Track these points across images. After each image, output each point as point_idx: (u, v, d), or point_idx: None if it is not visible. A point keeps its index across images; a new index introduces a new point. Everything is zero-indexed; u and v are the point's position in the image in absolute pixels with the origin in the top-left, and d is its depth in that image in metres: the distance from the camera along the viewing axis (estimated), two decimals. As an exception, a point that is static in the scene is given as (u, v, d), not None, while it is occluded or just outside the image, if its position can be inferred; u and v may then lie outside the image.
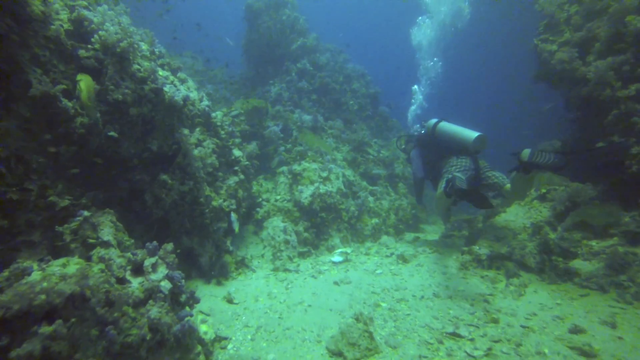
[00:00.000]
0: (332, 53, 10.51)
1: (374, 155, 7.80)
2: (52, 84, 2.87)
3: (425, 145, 5.29)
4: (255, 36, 9.12)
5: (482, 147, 4.56)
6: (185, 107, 4.07)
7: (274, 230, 5.17)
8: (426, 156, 5.23)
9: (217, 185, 4.46)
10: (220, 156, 4.84)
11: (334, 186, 6.08)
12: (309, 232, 5.47)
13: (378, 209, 6.93)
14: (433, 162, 5.02)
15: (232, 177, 4.90)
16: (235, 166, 5.03)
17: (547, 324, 2.71)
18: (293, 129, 7.08)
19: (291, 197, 5.76)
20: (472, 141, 4.45)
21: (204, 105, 4.66)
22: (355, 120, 9.00)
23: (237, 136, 5.63)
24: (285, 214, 5.53)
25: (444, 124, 4.97)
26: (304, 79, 8.39)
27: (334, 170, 6.28)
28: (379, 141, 8.68)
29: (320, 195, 5.73)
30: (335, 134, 7.55)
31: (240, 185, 4.97)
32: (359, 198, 6.61)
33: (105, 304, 1.90)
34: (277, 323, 3.03)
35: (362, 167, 7.39)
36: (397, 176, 8.02)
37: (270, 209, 5.57)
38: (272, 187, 6.16)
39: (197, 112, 4.51)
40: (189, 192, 3.79)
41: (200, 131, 4.36)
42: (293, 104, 7.92)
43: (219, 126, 4.93)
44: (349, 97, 9.35)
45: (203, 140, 4.33)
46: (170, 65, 4.79)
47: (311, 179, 5.85)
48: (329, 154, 6.55)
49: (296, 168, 5.99)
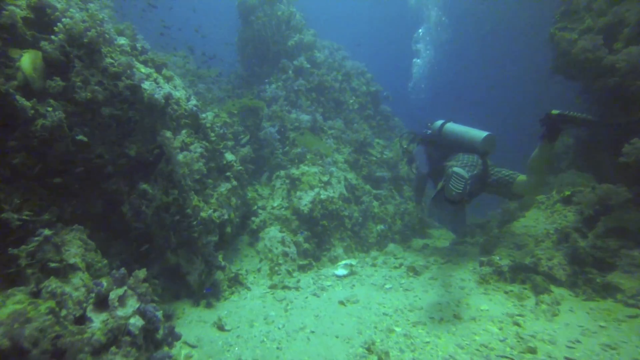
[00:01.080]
0: (330, 50, 10.14)
1: (377, 157, 7.41)
2: (5, 80, 2.47)
3: (430, 145, 4.96)
4: (249, 33, 8.73)
5: (492, 148, 4.33)
6: (169, 106, 3.67)
7: (271, 242, 4.77)
8: (430, 155, 4.91)
9: (206, 193, 4.06)
10: (211, 161, 4.44)
11: (336, 191, 5.68)
12: (310, 243, 5.06)
13: (383, 214, 6.54)
14: (437, 161, 4.70)
15: (223, 183, 4.50)
16: (227, 171, 4.62)
17: (597, 355, 2.30)
18: (290, 130, 6.69)
19: (289, 204, 5.36)
20: (481, 141, 4.20)
21: (192, 104, 4.26)
22: (356, 119, 8.61)
23: (230, 138, 5.23)
24: (283, 223, 5.12)
25: (451, 124, 4.70)
26: (301, 77, 8.00)
27: (335, 173, 5.88)
28: (382, 141, 8.29)
29: (321, 201, 5.33)
30: (336, 134, 7.15)
31: (232, 192, 4.57)
32: (363, 203, 6.21)
33: (53, 355, 1.50)
34: (275, 355, 2.62)
35: (364, 170, 7.00)
36: (402, 178, 7.63)
37: (267, 218, 5.16)
38: (269, 193, 5.75)
39: (184, 113, 4.11)
40: (174, 202, 3.39)
41: (187, 133, 3.96)
42: (290, 104, 7.52)
43: (208, 128, 4.53)
44: (349, 96, 8.96)
45: (190, 143, 3.93)
46: (155, 61, 4.40)
47: (311, 184, 5.44)
48: (329, 156, 6.15)
49: (294, 172, 5.58)
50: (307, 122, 6.68)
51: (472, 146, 4.28)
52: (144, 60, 4.26)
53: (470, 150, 4.29)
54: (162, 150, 3.36)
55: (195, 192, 3.88)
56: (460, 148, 4.41)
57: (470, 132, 4.39)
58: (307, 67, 8.29)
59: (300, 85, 7.86)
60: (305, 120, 6.68)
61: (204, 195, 4.03)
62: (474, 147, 4.26)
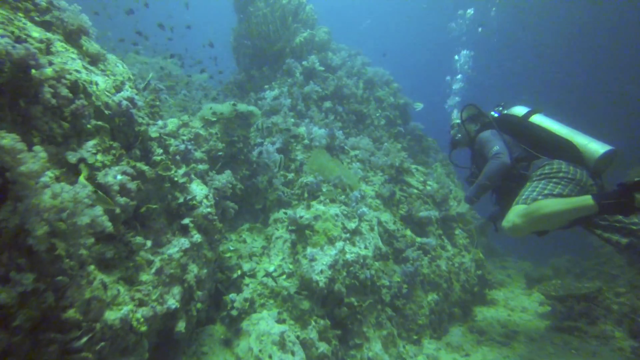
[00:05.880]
0: (347, 54, 8.49)
1: (419, 189, 5.49)
2: None
3: (506, 132, 3.49)
4: (246, 28, 7.14)
5: (606, 168, 3.09)
6: (57, 89, 1.84)
7: (261, 342, 2.78)
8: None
9: (127, 266, 2.14)
10: (153, 197, 2.57)
11: (370, 245, 3.72)
12: (329, 338, 3.06)
13: (435, 276, 4.53)
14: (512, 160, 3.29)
15: (176, 240, 2.59)
16: (186, 217, 2.73)
17: None
18: (298, 149, 4.84)
19: (295, 268, 3.40)
20: (597, 159, 2.93)
21: (121, 98, 2.44)
22: (384, 137, 6.79)
23: (199, 159, 3.38)
24: (283, 304, 3.15)
25: (543, 118, 3.35)
26: (312, 82, 6.28)
27: (366, 216, 3.95)
28: (421, 168, 6.39)
29: (347, 264, 3.37)
30: (362, 156, 5.29)
31: (193, 254, 2.66)
32: (407, 261, 4.23)
33: None
34: None
35: (403, 207, 5.06)
36: (452, 219, 5.66)
37: (257, 294, 3.19)
38: (263, 245, 3.81)
39: (102, 110, 2.28)
40: (31, 298, 1.48)
41: (97, 146, 2.11)
42: (297, 114, 5.75)
43: (154, 140, 2.69)
44: (374, 108, 7.19)
45: (103, 165, 2.07)
46: (66, 28, 2.64)
47: (329, 235, 3.50)
48: (355, 189, 4.24)
49: (303, 214, 3.66)
50: (322, 139, 4.84)
51: (579, 157, 3.02)
52: (44, 22, 2.51)
53: (576, 159, 3.01)
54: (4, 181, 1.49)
55: (100, 265, 1.97)
56: (556, 151, 3.11)
57: (577, 139, 3.06)
58: (319, 69, 6.59)
59: (312, 90, 6.11)
60: (320, 135, 4.84)
61: (123, 269, 2.11)
62: (582, 162, 3.00)
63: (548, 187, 2.85)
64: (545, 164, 3.05)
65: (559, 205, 2.59)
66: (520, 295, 5.79)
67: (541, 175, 2.98)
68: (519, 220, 2.72)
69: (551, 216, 2.60)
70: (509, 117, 3.55)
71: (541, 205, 2.65)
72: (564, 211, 2.56)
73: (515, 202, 2.91)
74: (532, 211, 2.67)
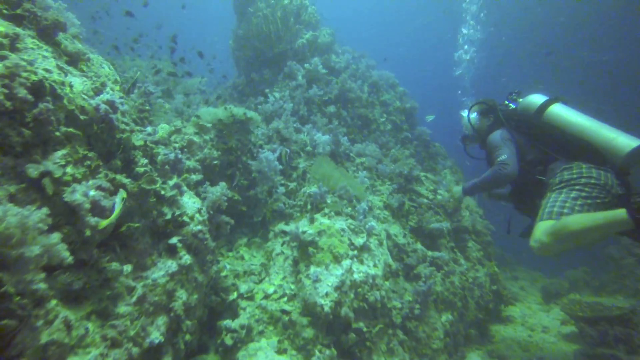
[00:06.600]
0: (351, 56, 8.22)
1: (429, 198, 5.17)
2: None
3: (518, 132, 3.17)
4: (246, 30, 6.88)
5: (637, 165, 2.74)
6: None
7: (258, 378, 2.46)
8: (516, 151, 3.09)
9: (102, 297, 1.84)
10: (137, 213, 2.27)
11: (379, 263, 3.40)
12: (335, 371, 2.74)
13: (449, 294, 4.20)
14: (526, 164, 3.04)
15: (162, 262, 2.29)
16: (174, 235, 2.43)
17: None
18: (300, 157, 4.55)
19: (297, 289, 3.09)
20: (626, 155, 2.57)
21: (98, 102, 2.15)
22: (390, 143, 6.49)
23: (191, 169, 3.10)
24: (283, 331, 2.83)
25: (562, 107, 2.94)
26: (316, 85, 6.00)
27: (375, 230, 3.63)
28: (431, 175, 6.08)
29: (355, 285, 3.06)
30: (369, 164, 4.98)
31: (182, 279, 2.36)
32: (419, 278, 3.91)
33: None
34: None
35: (413, 219, 4.74)
36: (465, 231, 5.33)
37: (254, 320, 2.88)
38: (262, 263, 3.50)
39: (74, 113, 1.99)
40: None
41: (67, 157, 1.82)
42: (300, 119, 5.46)
43: (138, 149, 2.41)
44: (379, 113, 6.90)
45: (62, 179, 1.77)
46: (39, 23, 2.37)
47: (335, 252, 3.19)
48: (362, 200, 3.94)
49: (306, 229, 3.34)
50: (325, 145, 4.54)
51: (605, 156, 2.67)
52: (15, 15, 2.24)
53: (597, 160, 2.67)
54: None
55: (69, 298, 1.68)
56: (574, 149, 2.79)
57: (603, 133, 2.68)
58: (323, 72, 6.31)
59: (315, 94, 5.83)
60: (324, 141, 4.55)
61: (97, 303, 1.81)
62: (608, 158, 2.66)
63: (571, 196, 2.56)
64: (564, 168, 2.75)
65: (588, 221, 2.29)
66: (538, 312, 5.44)
67: (561, 184, 2.70)
68: (547, 240, 2.45)
69: (581, 234, 2.30)
70: (520, 114, 3.22)
71: (569, 222, 2.35)
72: (594, 228, 2.27)
73: (540, 217, 2.62)
74: (560, 229, 2.38)
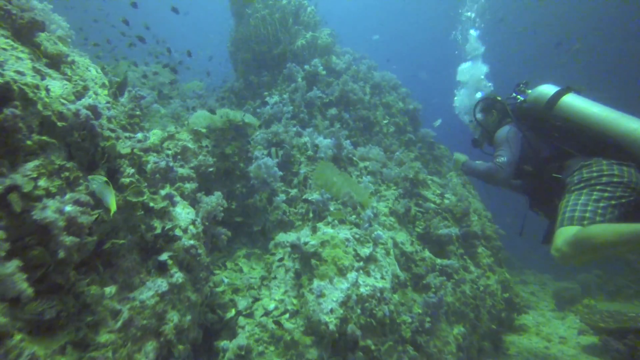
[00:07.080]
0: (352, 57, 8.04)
1: (436, 203, 4.96)
2: None
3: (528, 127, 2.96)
4: (243, 31, 6.72)
5: None
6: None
7: (258, 406, 2.26)
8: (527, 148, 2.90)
9: (80, 325, 1.65)
10: (123, 228, 2.08)
11: (387, 275, 3.20)
12: (342, 394, 2.53)
13: (460, 304, 3.99)
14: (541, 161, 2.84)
15: (151, 281, 2.10)
16: (165, 251, 2.24)
17: None
18: (301, 162, 4.35)
19: (299, 304, 2.88)
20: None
21: (79, 107, 1.97)
22: (394, 146, 6.29)
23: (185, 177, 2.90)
24: (286, 351, 2.63)
25: (575, 97, 2.71)
26: (316, 87, 5.83)
27: (382, 239, 3.43)
28: (437, 179, 5.88)
29: (361, 299, 2.85)
30: (373, 168, 4.78)
31: (173, 299, 2.16)
32: (429, 289, 3.70)
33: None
34: None
35: (419, 225, 4.54)
36: (475, 236, 5.12)
37: (254, 339, 2.67)
38: (262, 276, 3.30)
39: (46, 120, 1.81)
40: None
41: (39, 168, 1.63)
42: (300, 123, 5.28)
43: (124, 158, 2.22)
44: (381, 114, 6.71)
45: (32, 193, 1.58)
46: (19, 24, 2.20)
47: (339, 264, 2.98)
48: (368, 207, 3.74)
49: (309, 240, 3.14)
50: (327, 149, 4.35)
51: (623, 146, 2.45)
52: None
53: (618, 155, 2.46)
54: None
55: (39, 330, 1.48)
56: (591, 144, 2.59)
57: (623, 124, 2.45)
58: (322, 74, 6.14)
59: (315, 96, 5.65)
60: (325, 145, 4.36)
61: (74, 333, 1.61)
62: (627, 149, 2.44)
63: (593, 198, 2.34)
64: (582, 165, 2.53)
65: (614, 234, 2.05)
66: (552, 320, 5.22)
67: (580, 183, 2.47)
68: (569, 250, 2.22)
69: (605, 247, 2.08)
70: (529, 107, 3.01)
71: (592, 233, 2.12)
72: (621, 242, 2.03)
73: (560, 222, 2.41)
74: (582, 239, 2.15)
